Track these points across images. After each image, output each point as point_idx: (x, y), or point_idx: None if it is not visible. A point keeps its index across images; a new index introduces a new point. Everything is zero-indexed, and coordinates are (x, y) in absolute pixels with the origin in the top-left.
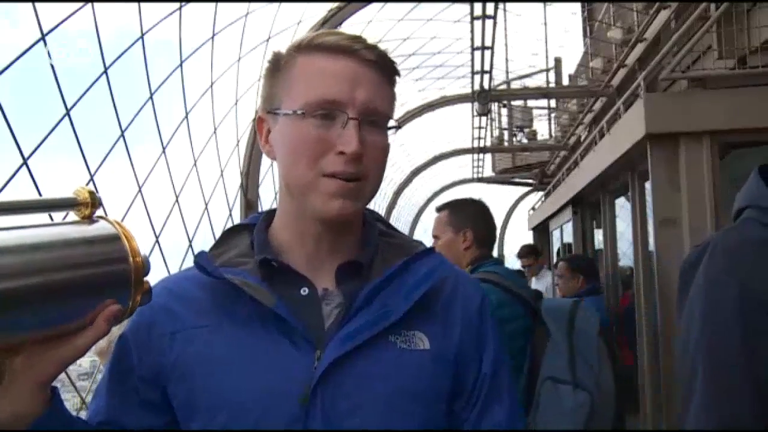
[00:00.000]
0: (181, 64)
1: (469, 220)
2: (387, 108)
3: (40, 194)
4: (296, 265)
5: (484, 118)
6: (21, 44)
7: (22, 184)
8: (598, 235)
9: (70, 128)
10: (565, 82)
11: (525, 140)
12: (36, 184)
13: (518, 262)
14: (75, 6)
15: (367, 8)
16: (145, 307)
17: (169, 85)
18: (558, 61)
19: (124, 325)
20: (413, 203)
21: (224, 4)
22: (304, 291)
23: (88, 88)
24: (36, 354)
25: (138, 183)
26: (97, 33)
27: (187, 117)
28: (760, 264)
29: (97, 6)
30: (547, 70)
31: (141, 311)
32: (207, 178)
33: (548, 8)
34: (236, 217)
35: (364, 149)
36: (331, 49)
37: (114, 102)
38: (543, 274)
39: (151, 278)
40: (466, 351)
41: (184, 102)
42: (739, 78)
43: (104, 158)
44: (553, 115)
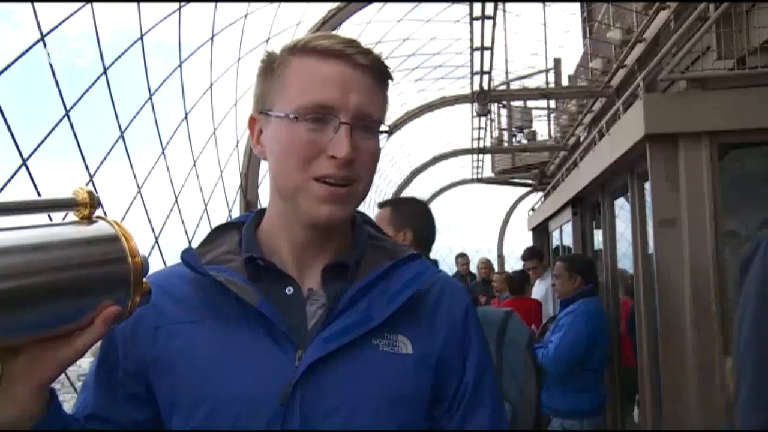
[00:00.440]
0: (181, 64)
1: (410, 220)
2: (379, 113)
3: (39, 195)
4: (283, 264)
5: (483, 119)
6: (20, 45)
7: (21, 185)
8: (598, 236)
9: (70, 129)
10: (565, 82)
11: (524, 141)
12: (35, 184)
13: (519, 263)
14: (74, 7)
15: (367, 9)
16: None
17: (169, 85)
18: (557, 62)
19: None
20: None
21: (223, 4)
22: (289, 290)
23: (87, 89)
24: (35, 355)
25: (137, 184)
26: (97, 34)
27: (186, 118)
28: None
29: (96, 7)
30: (547, 70)
31: None
32: (206, 178)
33: (548, 9)
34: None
35: (355, 154)
36: (324, 52)
37: (113, 103)
38: (546, 275)
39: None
40: (449, 357)
41: (183, 103)
42: (738, 78)
43: (103, 159)
44: (552, 115)
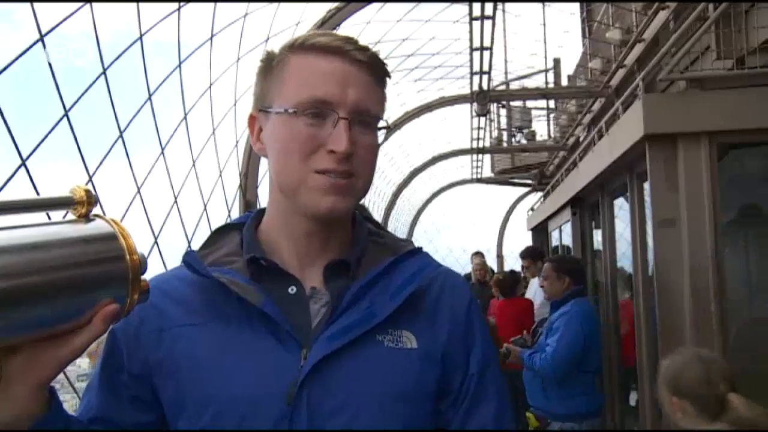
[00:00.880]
0: (180, 65)
1: None
2: (377, 108)
3: (38, 195)
4: (285, 263)
5: (483, 119)
6: (20, 45)
7: (20, 185)
8: (597, 236)
9: (69, 129)
10: (564, 82)
11: (524, 141)
12: (34, 185)
13: (519, 263)
14: (74, 7)
15: (366, 9)
16: None
17: (168, 86)
18: (557, 62)
19: None
20: (412, 204)
21: (223, 4)
22: (292, 289)
23: (86, 89)
24: (33, 354)
25: (137, 184)
26: (96, 34)
27: (185, 118)
28: None
29: (95, 7)
30: (546, 70)
31: None
32: (206, 178)
33: (547, 9)
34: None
35: (353, 149)
36: (323, 49)
37: (113, 103)
38: None
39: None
40: (453, 350)
41: (182, 103)
42: (737, 78)
43: (103, 159)
44: (552, 115)
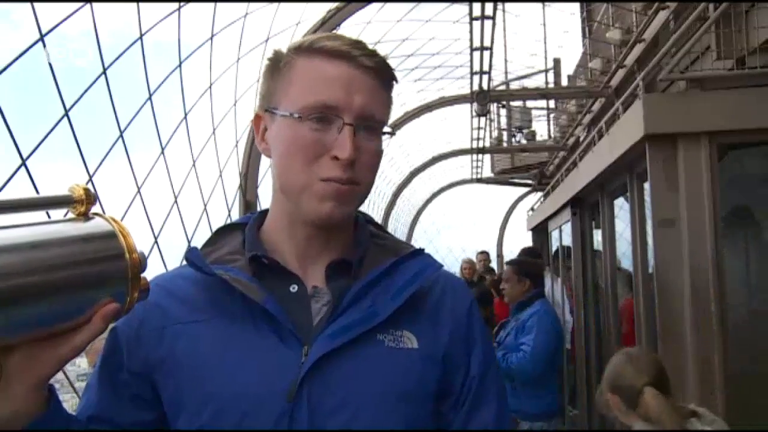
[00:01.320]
0: (180, 65)
1: None
2: (382, 114)
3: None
4: (287, 262)
5: (483, 119)
6: (20, 45)
7: (20, 185)
8: (597, 236)
9: (69, 129)
10: (564, 82)
11: (524, 141)
12: (35, 185)
13: None
14: (74, 7)
15: (366, 9)
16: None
17: (168, 85)
18: (557, 62)
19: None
20: (412, 204)
21: (223, 4)
22: (294, 288)
23: (86, 89)
24: (33, 353)
25: (137, 184)
26: (96, 34)
27: (186, 118)
28: None
29: (96, 7)
30: (546, 70)
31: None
32: (206, 178)
33: (547, 9)
34: (235, 218)
35: (357, 155)
36: (330, 53)
37: (113, 103)
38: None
39: (150, 279)
40: (454, 352)
41: (183, 103)
42: (737, 79)
43: (103, 159)
44: (552, 115)
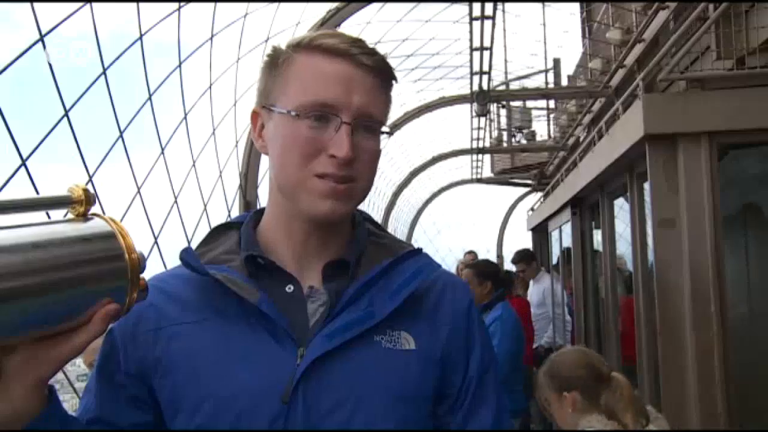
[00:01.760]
0: (180, 65)
1: None
2: (381, 113)
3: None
4: (283, 262)
5: (483, 119)
6: (20, 45)
7: (20, 185)
8: (597, 236)
9: (69, 129)
10: (564, 82)
11: (524, 141)
12: (35, 185)
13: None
14: (74, 7)
15: (366, 9)
16: None
17: (168, 86)
18: (557, 62)
19: None
20: (412, 204)
21: (223, 4)
22: (289, 288)
23: (86, 89)
24: (32, 353)
25: (137, 184)
26: (96, 34)
27: (185, 118)
28: None
29: (95, 7)
30: (546, 70)
31: None
32: (206, 179)
33: (547, 9)
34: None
35: (355, 153)
36: (329, 51)
37: (113, 103)
38: (541, 277)
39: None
40: (453, 353)
41: (182, 103)
42: (737, 79)
43: (103, 159)
44: (551, 115)
